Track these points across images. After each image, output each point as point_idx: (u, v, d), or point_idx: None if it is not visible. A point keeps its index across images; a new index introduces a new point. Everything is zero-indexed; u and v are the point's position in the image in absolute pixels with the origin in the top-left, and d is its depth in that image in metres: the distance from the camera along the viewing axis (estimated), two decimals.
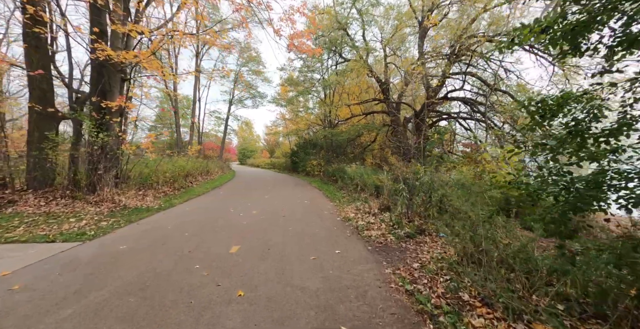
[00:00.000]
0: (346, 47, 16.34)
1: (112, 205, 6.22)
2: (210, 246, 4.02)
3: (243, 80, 26.66)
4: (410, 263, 3.56)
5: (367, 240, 4.59)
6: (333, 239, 4.58)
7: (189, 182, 11.76)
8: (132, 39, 7.24)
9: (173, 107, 21.61)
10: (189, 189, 10.30)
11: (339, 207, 7.64)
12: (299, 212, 6.71)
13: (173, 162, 11.49)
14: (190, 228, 5.00)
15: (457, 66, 12.40)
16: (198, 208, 6.83)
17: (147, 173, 8.86)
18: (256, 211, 6.68)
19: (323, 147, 20.56)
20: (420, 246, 4.36)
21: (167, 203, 7.32)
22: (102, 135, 6.37)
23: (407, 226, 5.06)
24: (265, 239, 4.46)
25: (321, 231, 5.06)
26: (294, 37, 10.22)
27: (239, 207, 7.14)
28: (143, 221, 5.34)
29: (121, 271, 3.11)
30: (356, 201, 8.24)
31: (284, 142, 38.25)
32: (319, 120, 22.32)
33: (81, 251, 3.67)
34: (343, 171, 12.97)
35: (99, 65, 6.67)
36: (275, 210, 6.94)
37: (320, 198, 9.32)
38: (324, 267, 3.38)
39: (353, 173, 11.39)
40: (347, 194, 9.98)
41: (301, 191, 10.84)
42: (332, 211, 7.11)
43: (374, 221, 5.58)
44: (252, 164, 45.33)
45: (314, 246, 4.21)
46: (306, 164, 19.29)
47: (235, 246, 4.06)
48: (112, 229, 4.68)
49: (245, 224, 5.40)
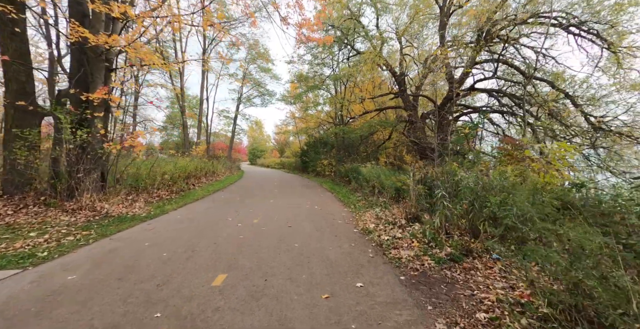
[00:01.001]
0: (358, 38, 15.13)
1: (92, 213, 5.35)
2: (188, 276, 3.02)
3: (250, 76, 25.90)
4: (469, 310, 2.43)
5: (396, 265, 3.48)
6: (351, 263, 3.50)
7: (191, 184, 10.93)
8: (118, 23, 6.37)
9: (180, 107, 20.99)
10: (189, 192, 9.44)
11: (355, 214, 6.54)
12: (307, 221, 5.65)
13: (174, 163, 10.68)
14: (171, 245, 4.02)
15: (483, 55, 11.02)
16: (191, 217, 5.89)
17: (144, 175, 8.02)
18: (258, 220, 5.66)
19: (334, 145, 19.45)
20: (472, 274, 3.21)
21: (159, 209, 6.42)
22: (81, 133, 5.51)
23: (446, 243, 3.91)
24: (262, 263, 3.43)
25: (335, 249, 3.98)
26: (303, 25, 9.19)
27: (239, 214, 6.16)
28: (118, 236, 4.40)
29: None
30: (374, 207, 7.11)
31: (294, 142, 37.40)
32: (329, 118, 21.24)
33: (6, 287, 2.71)
34: (357, 171, 11.83)
35: (78, 53, 5.82)
36: (279, 218, 5.91)
37: (332, 202, 8.24)
38: (341, 316, 2.30)
39: (368, 174, 10.24)
40: (363, 197, 8.85)
41: (311, 194, 9.79)
42: (347, 219, 6.02)
43: (401, 236, 4.45)
44: (262, 164, 44.75)
45: (327, 274, 3.13)
46: (316, 164, 18.24)
47: (222, 275, 3.03)
48: (75, 247, 3.76)
49: (242, 239, 4.38)
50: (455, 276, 3.17)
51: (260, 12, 15.82)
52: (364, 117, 16.72)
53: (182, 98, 20.83)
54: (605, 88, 9.06)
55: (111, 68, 6.29)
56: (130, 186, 7.21)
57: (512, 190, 4.16)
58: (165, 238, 4.30)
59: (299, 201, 8.20)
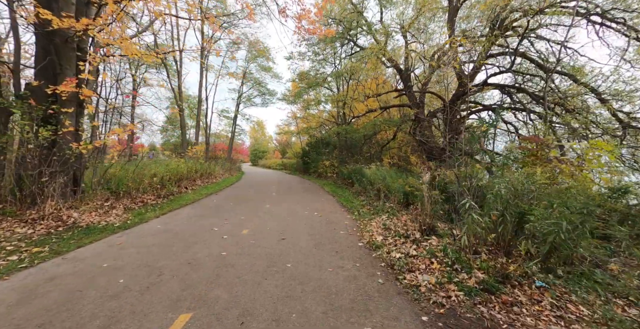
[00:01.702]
0: (361, 33, 14.37)
1: (56, 224, 4.63)
2: (138, 317, 2.27)
3: (250, 75, 25.23)
4: None
5: (414, 297, 2.70)
6: (357, 293, 2.73)
7: (184, 187, 10.22)
8: (92, 9, 5.67)
9: (178, 106, 20.32)
10: (179, 196, 8.72)
11: (359, 222, 5.77)
12: (304, 233, 4.88)
13: (167, 164, 9.97)
14: (134, 267, 3.28)
15: (494, 49, 10.20)
16: (172, 226, 5.15)
17: (127, 178, 7.29)
18: (248, 231, 4.91)
19: (336, 145, 18.69)
20: (515, 312, 2.43)
21: (138, 217, 5.69)
22: (44, 131, 4.80)
23: (474, 265, 3.13)
24: (242, 294, 2.67)
25: (336, 272, 3.22)
26: (302, 17, 8.47)
27: (227, 223, 5.41)
28: (74, 254, 3.67)
29: None
30: (381, 214, 6.35)
31: (295, 142, 36.70)
32: (331, 117, 20.48)
33: None
34: (360, 173, 11.06)
35: (44, 39, 5.12)
36: (273, 228, 5.15)
37: (334, 208, 7.47)
38: None
39: (373, 176, 9.47)
40: (367, 201, 8.08)
41: (311, 199, 9.03)
42: (350, 229, 5.25)
43: (416, 253, 3.67)
44: (263, 165, 44.09)
45: (324, 312, 2.37)
46: (318, 165, 17.48)
47: (185, 315, 2.28)
48: (10, 272, 3.02)
49: (223, 257, 3.63)
50: (494, 315, 2.39)
51: (260, 8, 15.14)
52: (367, 116, 15.95)
53: (180, 98, 20.17)
54: (631, 83, 8.21)
55: (84, 58, 5.58)
56: (110, 191, 6.50)
57: (555, 198, 3.37)
58: (131, 257, 3.56)
59: (297, 207, 7.45)
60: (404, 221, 5.47)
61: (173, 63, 20.03)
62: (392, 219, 5.93)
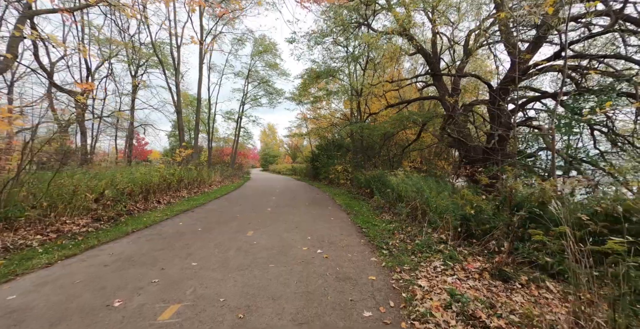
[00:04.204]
0: (379, 11, 11.78)
1: None
2: None
3: (257, 74, 23.23)
4: None
5: None
6: None
7: (155, 201, 7.95)
8: None
9: (176, 107, 18.40)
10: (137, 216, 6.42)
11: (395, 274, 3.18)
12: (287, 314, 2.36)
13: (130, 173, 7.76)
14: None
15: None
16: (28, 301, 2.77)
17: (40, 195, 4.99)
18: (180, 305, 2.46)
19: (350, 148, 16.13)
20: None
21: (14, 266, 3.36)
22: None
23: None
24: None
25: None
26: None
27: (155, 284, 2.98)
28: None
29: None
30: (427, 252, 3.77)
31: (306, 146, 34.37)
32: (343, 116, 18.00)
33: None
34: (383, 181, 8.44)
35: None
36: (230, 297, 2.66)
37: (349, 236, 4.89)
38: None
39: (403, 187, 6.82)
40: (397, 224, 5.48)
41: (317, 217, 6.50)
42: (382, 298, 2.67)
43: None
44: (273, 170, 42.06)
45: None
46: (329, 170, 14.98)
47: None
48: None
49: None
50: None
51: None
52: (386, 112, 13.34)
53: (178, 97, 18.28)
54: None
55: None
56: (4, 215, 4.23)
57: None
58: None
59: (293, 234, 4.95)
60: (477, 274, 2.86)
61: (172, 62, 18.25)
62: (455, 267, 3.33)
